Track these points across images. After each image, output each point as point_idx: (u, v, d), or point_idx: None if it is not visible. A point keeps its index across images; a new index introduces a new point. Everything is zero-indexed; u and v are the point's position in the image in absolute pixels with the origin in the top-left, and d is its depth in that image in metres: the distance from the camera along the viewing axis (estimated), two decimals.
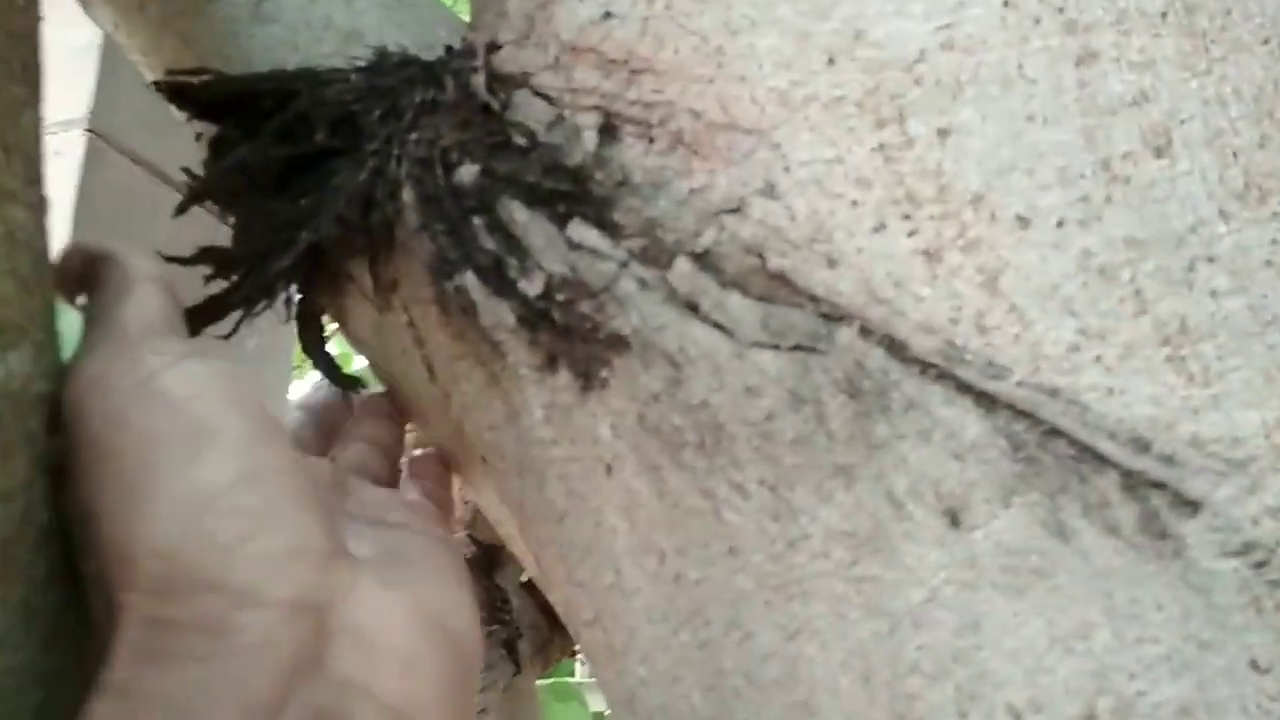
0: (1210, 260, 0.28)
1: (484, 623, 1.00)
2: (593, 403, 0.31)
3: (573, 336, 0.30)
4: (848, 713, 0.28)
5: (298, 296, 0.43)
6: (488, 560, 1.01)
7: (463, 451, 0.40)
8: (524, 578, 1.10)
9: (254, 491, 0.26)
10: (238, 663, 0.25)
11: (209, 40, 0.41)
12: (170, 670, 0.24)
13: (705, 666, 0.30)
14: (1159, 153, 0.29)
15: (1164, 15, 0.30)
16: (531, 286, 0.30)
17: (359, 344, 0.43)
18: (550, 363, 0.32)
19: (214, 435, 0.26)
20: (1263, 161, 0.29)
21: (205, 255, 0.40)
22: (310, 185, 0.39)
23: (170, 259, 0.37)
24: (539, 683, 1.22)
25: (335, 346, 0.45)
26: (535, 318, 0.31)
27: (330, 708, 0.26)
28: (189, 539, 0.25)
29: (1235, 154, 0.29)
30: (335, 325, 0.45)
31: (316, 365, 0.42)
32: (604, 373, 0.30)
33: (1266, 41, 0.30)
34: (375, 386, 0.45)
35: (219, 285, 0.40)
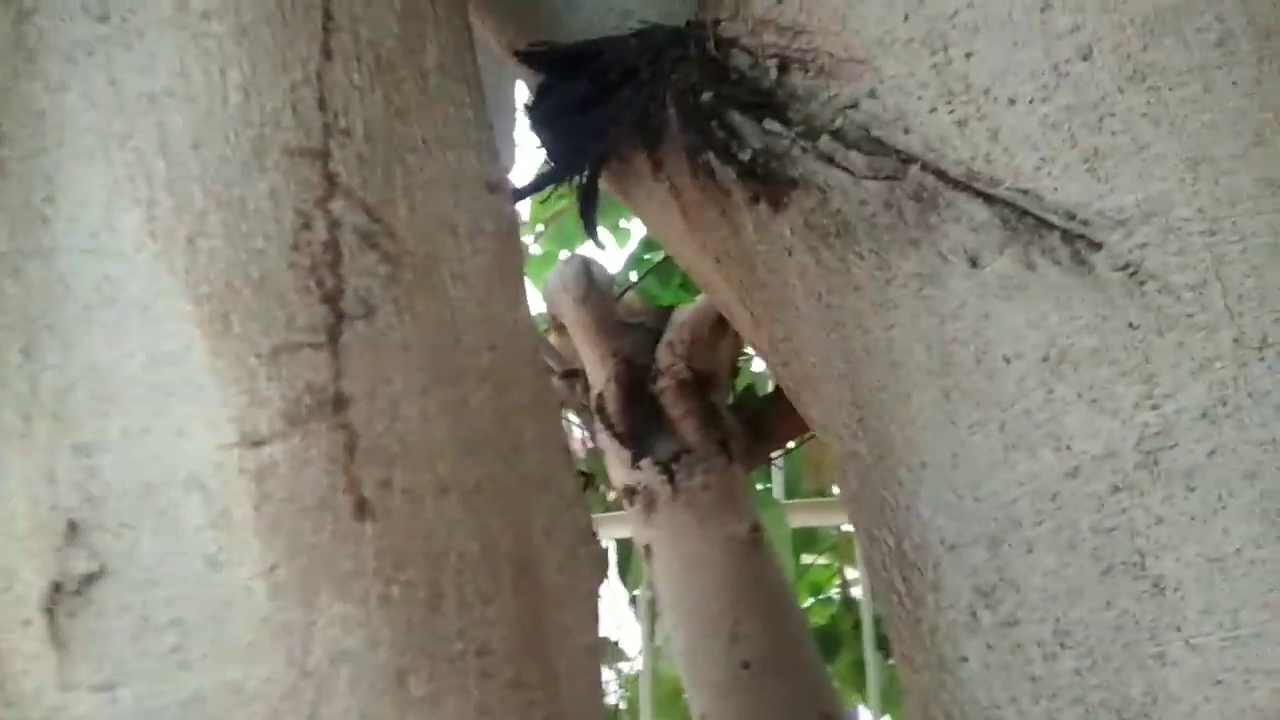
0: None
1: (699, 432, 1.30)
2: (780, 217, 0.57)
3: (768, 181, 0.57)
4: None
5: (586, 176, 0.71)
6: (702, 383, 1.31)
7: (700, 263, 0.68)
8: (729, 400, 1.40)
9: None
10: None
11: (540, 24, 0.69)
12: None
13: (839, 350, 0.57)
14: None
15: None
16: (745, 156, 0.57)
17: (634, 205, 0.71)
18: (755, 198, 0.58)
19: None
20: None
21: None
22: (602, 109, 0.66)
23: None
24: None
25: None
26: (747, 174, 0.57)
27: None
28: None
29: None
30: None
31: (586, 223, 0.70)
32: (785, 199, 0.56)
33: None
34: None
35: None
